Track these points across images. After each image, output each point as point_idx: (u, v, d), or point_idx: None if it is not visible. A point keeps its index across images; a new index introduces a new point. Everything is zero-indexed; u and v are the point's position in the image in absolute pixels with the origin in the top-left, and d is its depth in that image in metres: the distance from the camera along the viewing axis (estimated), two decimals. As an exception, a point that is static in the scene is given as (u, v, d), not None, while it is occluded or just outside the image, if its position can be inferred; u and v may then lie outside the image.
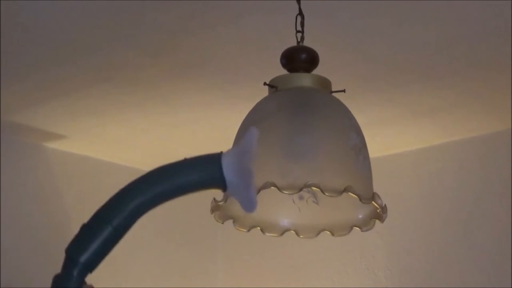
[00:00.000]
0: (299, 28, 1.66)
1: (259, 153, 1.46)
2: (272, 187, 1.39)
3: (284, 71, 1.62)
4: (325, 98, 1.52)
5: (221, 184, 1.01)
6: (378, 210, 1.46)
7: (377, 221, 1.50)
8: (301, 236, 1.58)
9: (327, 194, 1.39)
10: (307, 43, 1.66)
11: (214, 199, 1.52)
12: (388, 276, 3.06)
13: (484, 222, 2.91)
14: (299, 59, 1.60)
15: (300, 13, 1.67)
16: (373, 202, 1.43)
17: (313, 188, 1.38)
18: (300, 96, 1.52)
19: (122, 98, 2.64)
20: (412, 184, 3.08)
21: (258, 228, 1.58)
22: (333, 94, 1.57)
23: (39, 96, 2.61)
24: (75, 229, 0.98)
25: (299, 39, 1.65)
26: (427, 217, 3.03)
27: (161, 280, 3.21)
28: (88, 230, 0.98)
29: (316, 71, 1.61)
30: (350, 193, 1.39)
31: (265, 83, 1.56)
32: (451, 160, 3.02)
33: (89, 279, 1.11)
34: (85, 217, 0.99)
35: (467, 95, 2.60)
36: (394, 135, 2.96)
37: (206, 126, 2.90)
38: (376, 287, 3.07)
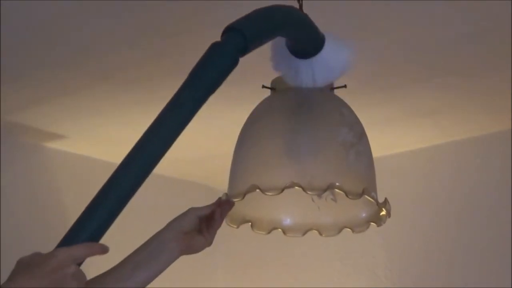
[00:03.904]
0: None
1: (254, 151, 1.46)
2: (257, 190, 1.39)
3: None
4: (321, 96, 1.52)
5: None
6: (376, 204, 1.45)
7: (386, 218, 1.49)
8: (323, 235, 1.55)
9: (309, 193, 1.39)
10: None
11: (226, 195, 1.49)
12: (388, 276, 3.06)
13: (484, 222, 2.90)
14: None
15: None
16: (366, 196, 1.42)
17: (296, 187, 1.38)
18: (296, 96, 1.52)
19: (122, 98, 2.64)
20: (412, 184, 3.08)
21: (280, 230, 1.55)
22: (335, 91, 1.56)
23: (39, 96, 2.61)
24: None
25: None
26: (427, 217, 3.03)
27: (159, 280, 3.20)
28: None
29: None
30: (335, 190, 1.38)
31: (263, 86, 1.56)
32: (451, 160, 3.01)
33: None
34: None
35: (467, 95, 2.60)
36: (394, 135, 2.96)
37: (206, 126, 2.89)
38: (376, 287, 3.06)
